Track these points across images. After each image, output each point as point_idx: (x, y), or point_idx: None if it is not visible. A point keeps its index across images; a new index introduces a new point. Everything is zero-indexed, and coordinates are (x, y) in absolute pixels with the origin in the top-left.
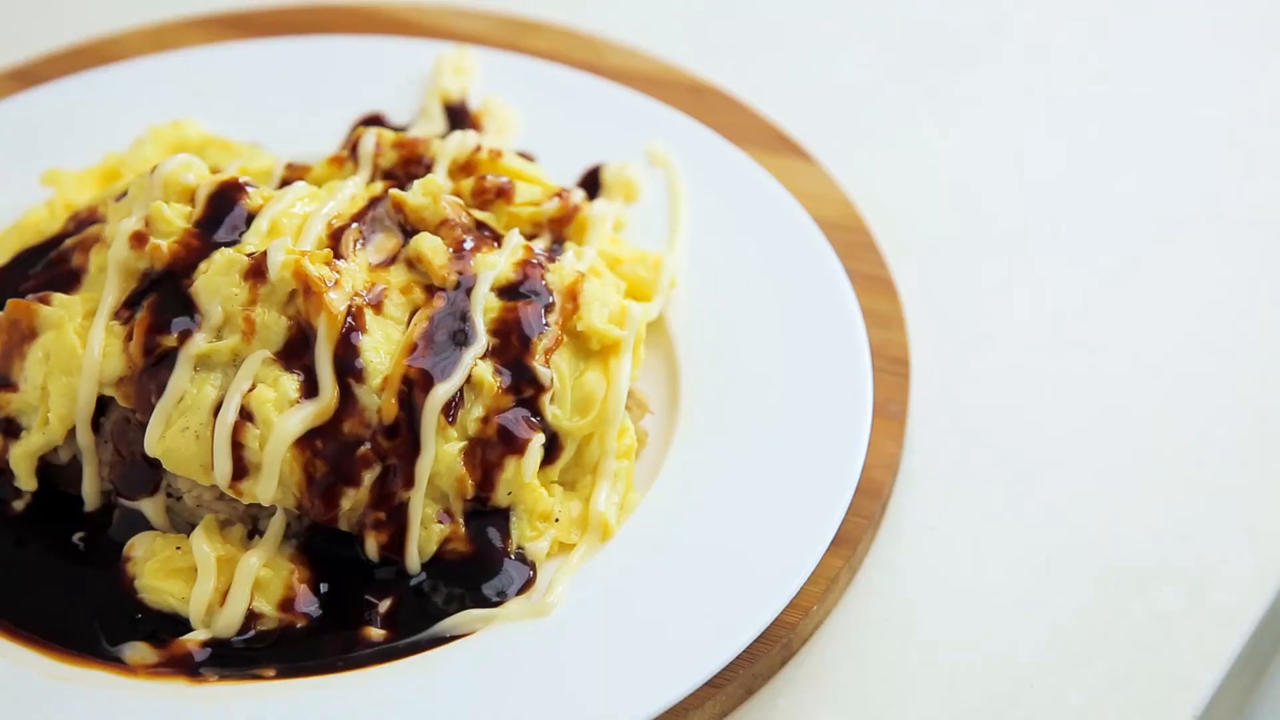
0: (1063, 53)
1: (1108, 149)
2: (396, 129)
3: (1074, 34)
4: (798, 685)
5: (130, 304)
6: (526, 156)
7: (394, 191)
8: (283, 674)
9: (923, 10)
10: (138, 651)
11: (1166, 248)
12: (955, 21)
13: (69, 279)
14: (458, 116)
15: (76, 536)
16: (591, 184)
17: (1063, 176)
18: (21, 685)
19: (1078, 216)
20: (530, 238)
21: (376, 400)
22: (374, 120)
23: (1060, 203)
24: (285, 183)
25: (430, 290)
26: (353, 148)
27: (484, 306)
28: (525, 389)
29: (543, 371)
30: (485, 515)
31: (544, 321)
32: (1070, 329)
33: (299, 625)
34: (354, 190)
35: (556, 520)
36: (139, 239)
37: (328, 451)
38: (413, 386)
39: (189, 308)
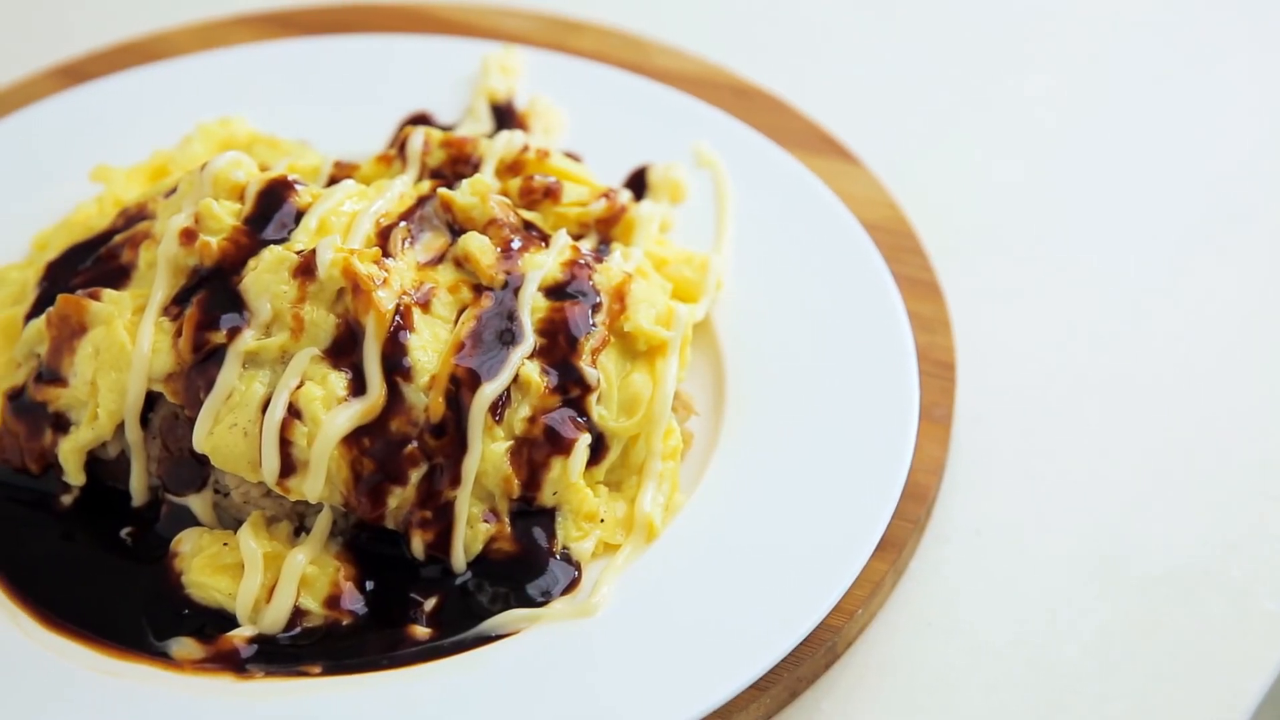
0: (1110, 55)
1: (1156, 152)
2: (443, 128)
3: (1123, 36)
4: (842, 688)
5: (179, 300)
6: (573, 156)
7: (442, 190)
8: (328, 671)
9: (969, 12)
10: (184, 647)
11: (1214, 252)
12: (1002, 23)
13: (118, 275)
14: (504, 116)
15: (124, 531)
16: (637, 184)
17: (1109, 179)
18: (69, 679)
19: (1124, 220)
20: (577, 238)
21: (424, 399)
22: (420, 119)
23: (1107, 206)
24: (333, 181)
25: (478, 289)
26: (401, 146)
27: (531, 306)
28: (572, 389)
29: (589, 372)
30: (531, 515)
31: (591, 322)
32: (1116, 333)
33: (344, 623)
34: (402, 189)
35: (602, 521)
36: (189, 235)
37: (375, 449)
38: (460, 386)
39: (238, 304)
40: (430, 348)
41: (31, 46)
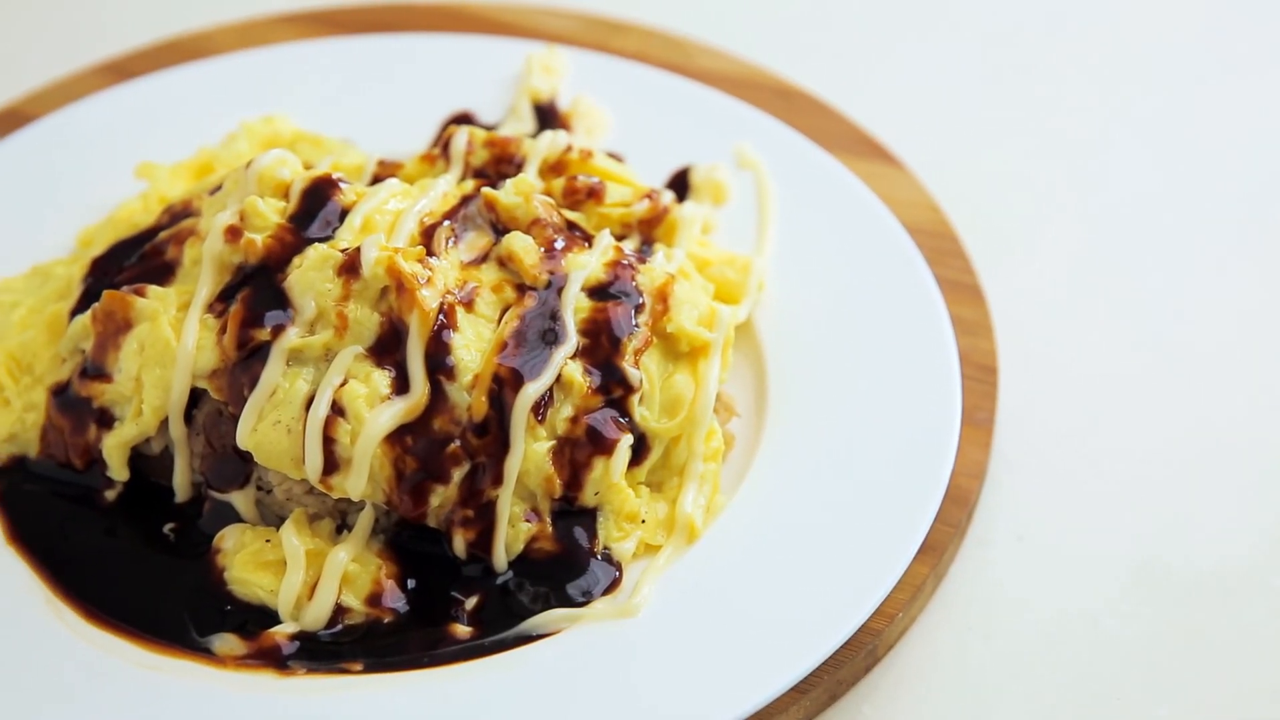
0: (1156, 58)
1: (1198, 156)
2: (486, 128)
3: (1166, 40)
4: (882, 692)
5: (224, 297)
6: (615, 157)
7: (486, 190)
8: (369, 669)
9: (1012, 15)
10: (226, 643)
11: (1257, 256)
12: (1045, 26)
13: (163, 271)
14: (547, 116)
15: (167, 527)
16: (679, 185)
17: (1154, 184)
18: (113, 673)
19: (1169, 225)
20: (619, 238)
21: (467, 398)
22: (463, 119)
23: (1149, 209)
24: (377, 179)
25: (521, 289)
26: (444, 146)
27: (574, 306)
28: (614, 389)
29: (632, 373)
30: (572, 515)
31: (634, 322)
32: (1158, 337)
33: (386, 620)
34: (446, 188)
35: (643, 521)
36: (233, 233)
37: (418, 448)
38: (503, 385)
39: (282, 302)
40: (473, 347)
41: (76, 44)
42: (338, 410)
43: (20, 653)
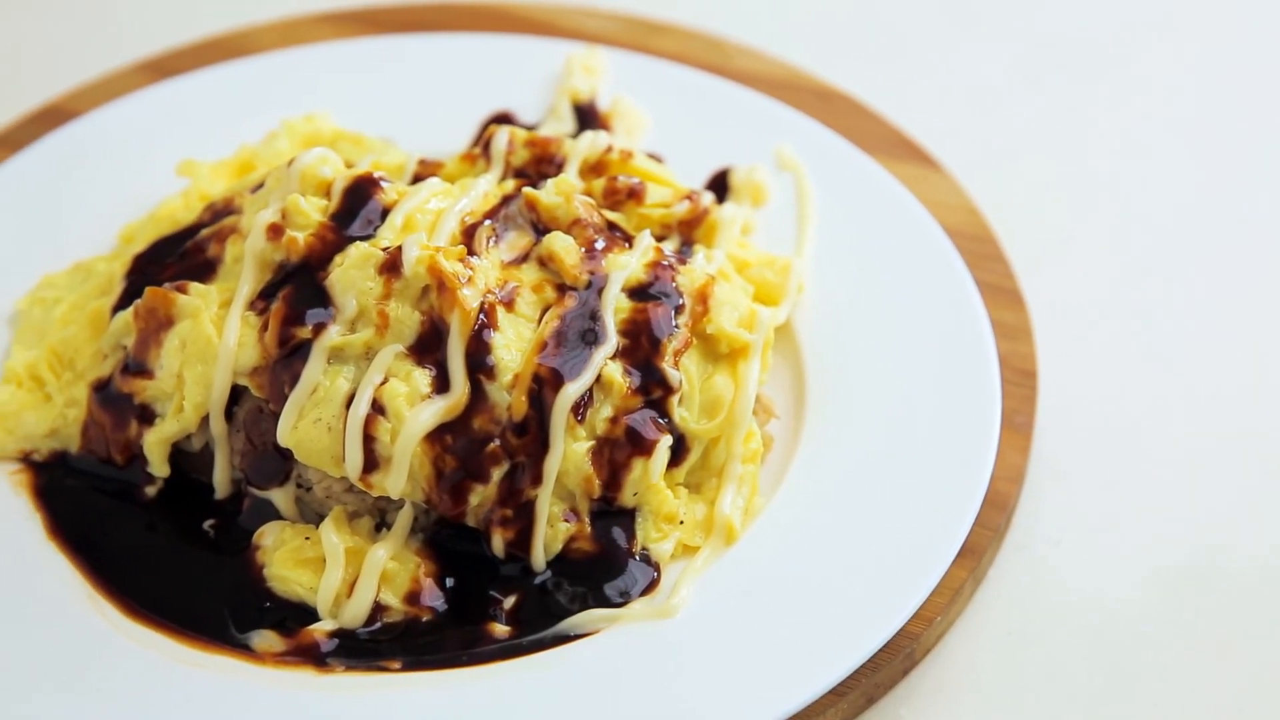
0: (1199, 62)
1: (1242, 162)
2: (526, 127)
3: (1211, 43)
4: (920, 695)
5: (265, 295)
6: (655, 158)
7: (527, 190)
8: (408, 667)
9: (1053, 18)
10: (265, 639)
11: None
12: (1086, 29)
13: (205, 269)
14: (587, 116)
15: (207, 524)
16: (719, 186)
17: (1196, 188)
18: (153, 668)
19: (1209, 229)
20: (659, 239)
21: (507, 397)
22: (503, 118)
23: (1191, 215)
24: (417, 178)
25: (561, 289)
26: (485, 145)
27: (615, 307)
28: (654, 390)
29: (672, 373)
30: (611, 515)
31: (674, 323)
32: (1199, 342)
33: (424, 619)
34: (486, 188)
35: (681, 522)
36: (275, 231)
37: (457, 447)
38: (543, 385)
39: (323, 300)
40: (514, 346)
41: (116, 42)
42: (378, 408)
43: (61, 647)
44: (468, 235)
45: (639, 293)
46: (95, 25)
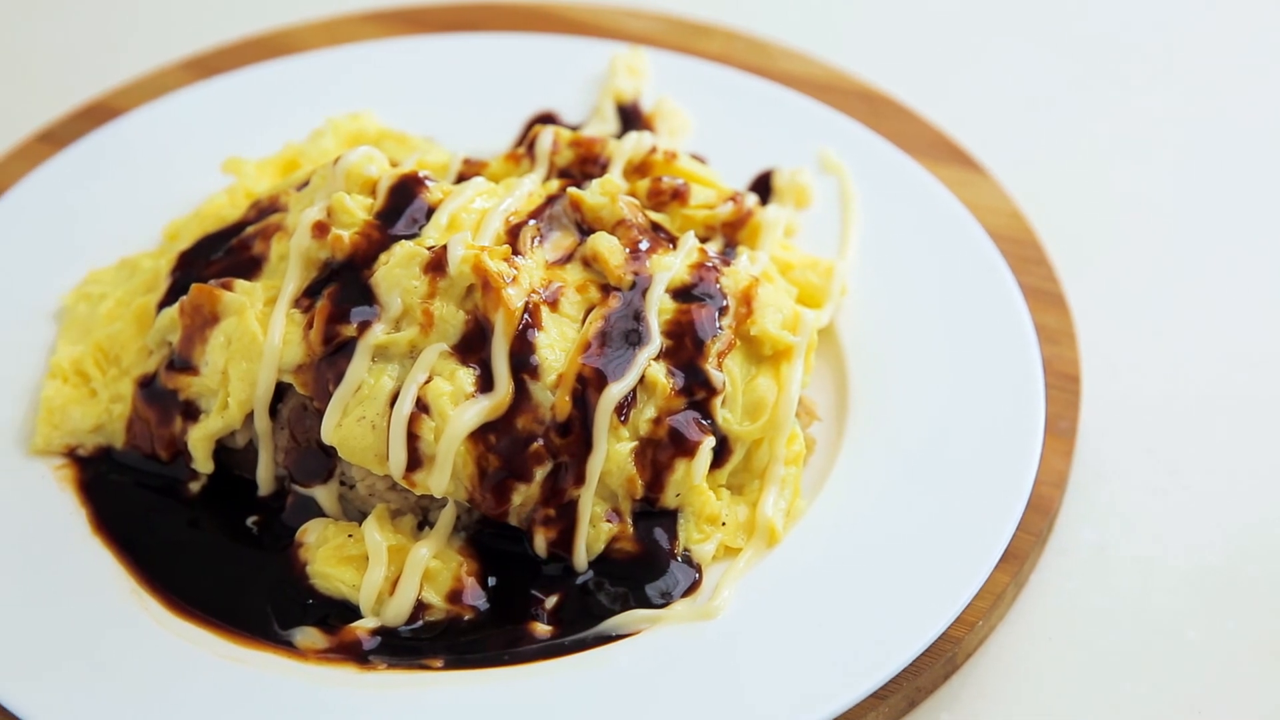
0: (1245, 67)
1: None
2: (569, 128)
3: (1257, 49)
4: (961, 700)
5: (310, 292)
6: (698, 159)
7: (572, 190)
8: (449, 665)
9: (1097, 22)
10: (308, 636)
11: None
12: (1130, 33)
13: (250, 266)
14: (631, 117)
15: (250, 520)
16: (762, 188)
17: (1237, 191)
18: (196, 664)
19: (1252, 232)
20: (703, 240)
21: (550, 397)
22: (546, 118)
23: (1234, 218)
24: (462, 178)
25: (605, 290)
26: (529, 145)
27: (659, 308)
28: (697, 391)
29: (715, 375)
30: (653, 516)
31: (718, 325)
32: (1242, 346)
33: (466, 617)
34: (531, 187)
35: (723, 524)
36: (321, 229)
37: (501, 446)
38: (587, 385)
39: (368, 298)
40: (558, 346)
41: (162, 40)
42: (422, 407)
43: (105, 641)
44: (512, 235)
45: (683, 294)
46: (140, 24)
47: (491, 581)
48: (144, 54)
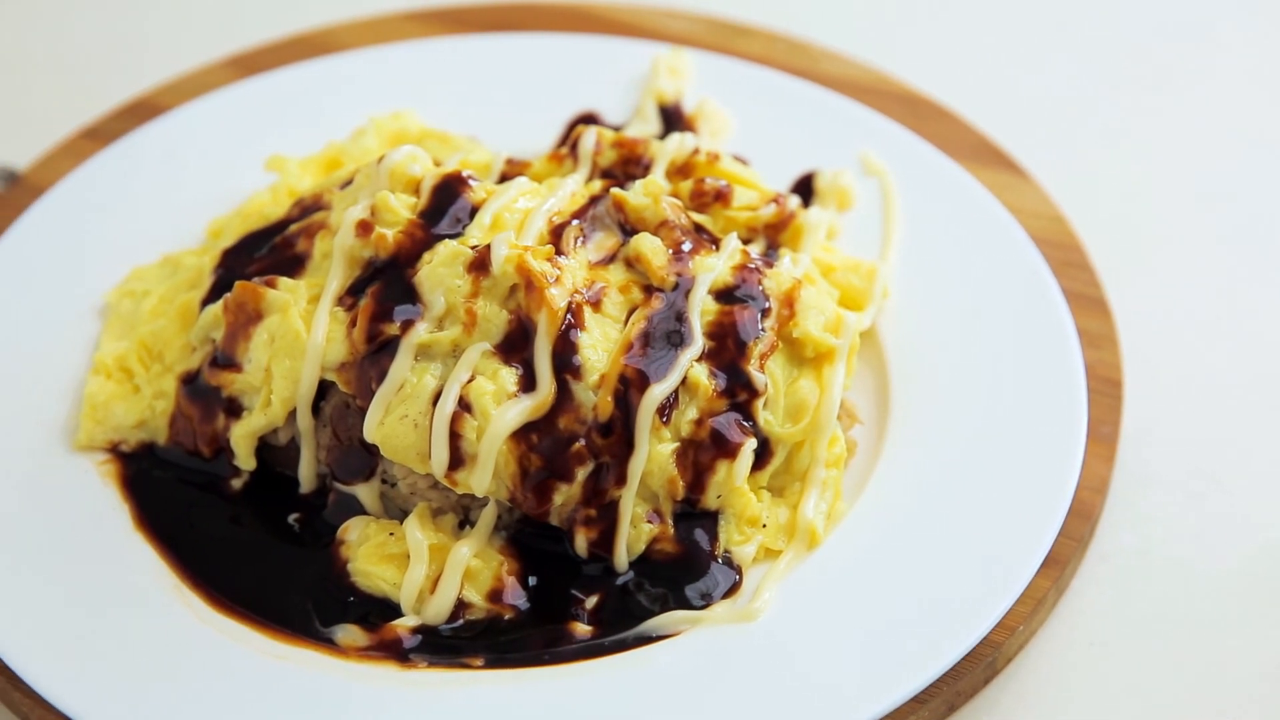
0: None
1: None
2: (611, 128)
3: None
4: (1001, 705)
5: (354, 291)
6: (740, 160)
7: (615, 191)
8: (490, 664)
9: (1141, 25)
10: (349, 634)
11: None
12: (1174, 37)
13: (293, 264)
14: (672, 118)
15: (292, 518)
16: (804, 190)
17: None
18: (238, 660)
19: None
20: (745, 242)
21: (593, 397)
22: (588, 119)
23: (1279, 223)
24: (504, 178)
25: (648, 290)
26: (572, 145)
27: (701, 309)
28: (739, 393)
29: (757, 377)
30: (694, 517)
31: (760, 327)
32: None
33: (506, 617)
34: (574, 188)
35: (764, 526)
36: (364, 227)
37: (543, 446)
38: (629, 385)
39: (411, 297)
40: (600, 347)
41: (205, 38)
42: (464, 406)
43: (147, 637)
44: (555, 235)
45: (725, 295)
46: (183, 21)
47: (532, 581)
48: (188, 52)
